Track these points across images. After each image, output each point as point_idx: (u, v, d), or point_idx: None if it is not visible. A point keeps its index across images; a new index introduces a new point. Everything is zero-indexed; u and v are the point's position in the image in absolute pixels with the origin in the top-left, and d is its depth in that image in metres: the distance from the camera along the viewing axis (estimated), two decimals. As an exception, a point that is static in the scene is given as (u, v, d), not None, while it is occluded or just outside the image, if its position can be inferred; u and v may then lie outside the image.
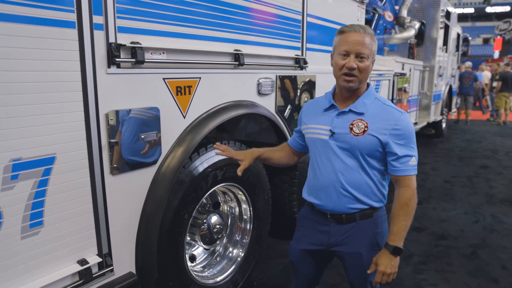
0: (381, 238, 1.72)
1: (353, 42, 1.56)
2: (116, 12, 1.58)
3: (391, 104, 1.68)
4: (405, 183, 1.62)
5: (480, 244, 3.54)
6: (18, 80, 1.32)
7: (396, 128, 1.58)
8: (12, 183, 1.34)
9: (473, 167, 6.39)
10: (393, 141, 1.59)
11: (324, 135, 1.68)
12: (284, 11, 2.59)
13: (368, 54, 1.57)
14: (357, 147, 1.61)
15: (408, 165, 1.61)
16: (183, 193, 2.06)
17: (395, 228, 1.61)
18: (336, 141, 1.64)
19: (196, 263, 2.54)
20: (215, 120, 2.12)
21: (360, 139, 1.60)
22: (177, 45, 1.87)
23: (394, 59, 5.21)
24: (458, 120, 11.75)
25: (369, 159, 1.63)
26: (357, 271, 1.75)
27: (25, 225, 1.41)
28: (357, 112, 1.63)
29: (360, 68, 1.57)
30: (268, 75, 2.54)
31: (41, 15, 1.35)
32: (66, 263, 1.58)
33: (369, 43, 1.58)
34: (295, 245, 1.88)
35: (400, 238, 1.60)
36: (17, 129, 1.33)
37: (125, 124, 1.68)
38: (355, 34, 1.57)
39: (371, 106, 1.64)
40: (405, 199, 1.61)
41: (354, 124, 1.62)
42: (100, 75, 1.56)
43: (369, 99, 1.66)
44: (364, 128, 1.60)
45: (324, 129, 1.68)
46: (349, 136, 1.61)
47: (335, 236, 1.73)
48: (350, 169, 1.64)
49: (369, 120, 1.61)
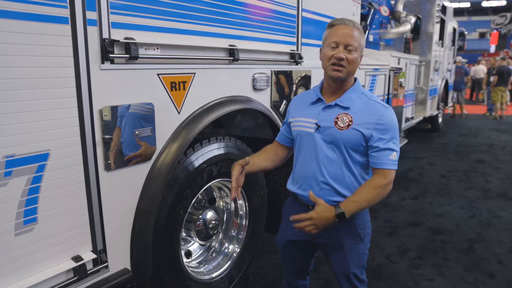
0: (362, 229, 1.76)
1: (342, 34, 1.60)
2: (109, 7, 1.56)
3: (376, 99, 1.70)
4: (382, 174, 1.63)
5: (477, 238, 3.56)
6: (11, 76, 1.31)
7: (379, 122, 1.61)
8: (5, 179, 1.33)
9: (469, 161, 6.43)
10: (376, 135, 1.62)
11: (310, 128, 1.71)
12: (279, 6, 2.58)
13: (356, 46, 1.62)
14: (341, 140, 1.64)
15: (388, 159, 1.63)
16: (178, 189, 2.06)
17: (354, 198, 1.61)
18: (321, 134, 1.68)
19: (191, 259, 2.54)
20: (210, 115, 2.11)
21: (344, 133, 1.63)
22: (171, 40, 1.86)
23: (390, 53, 5.21)
24: (454, 115, 11.80)
25: (353, 153, 1.66)
26: (339, 261, 1.79)
27: (19, 222, 1.40)
28: (343, 106, 1.66)
29: (348, 59, 1.61)
30: (263, 70, 2.53)
31: (34, 11, 1.34)
32: (60, 259, 1.57)
33: (358, 37, 1.62)
34: (281, 236, 1.94)
35: (352, 209, 1.59)
36: (10, 125, 1.32)
37: (119, 120, 1.67)
38: (345, 27, 1.62)
39: (357, 101, 1.67)
40: (376, 184, 1.62)
41: (339, 118, 1.65)
42: (94, 71, 1.55)
43: (355, 94, 1.69)
44: (348, 122, 1.63)
45: (310, 122, 1.71)
46: (334, 130, 1.64)
47: None
48: (333, 162, 1.67)
49: (354, 114, 1.64)
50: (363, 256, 1.81)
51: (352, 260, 1.77)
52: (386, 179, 1.62)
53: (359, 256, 1.78)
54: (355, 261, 1.78)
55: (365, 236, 1.78)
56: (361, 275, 1.82)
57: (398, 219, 3.98)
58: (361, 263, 1.81)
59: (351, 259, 1.76)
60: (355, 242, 1.75)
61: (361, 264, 1.81)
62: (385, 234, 3.62)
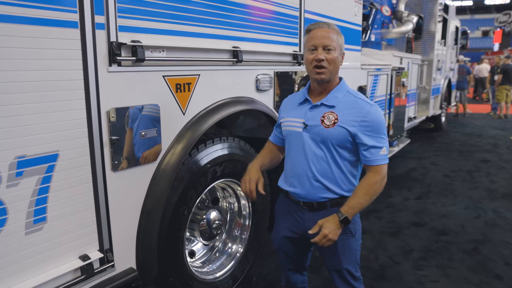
0: (352, 224, 1.80)
1: (319, 37, 1.68)
2: (117, 11, 1.60)
3: (362, 97, 1.76)
4: (375, 170, 1.69)
5: (482, 239, 3.52)
6: (23, 79, 1.35)
7: (364, 120, 1.67)
8: (16, 180, 1.37)
9: (474, 161, 6.38)
10: (362, 132, 1.67)
11: (298, 127, 1.78)
12: (282, 7, 2.61)
13: (334, 46, 1.69)
14: (328, 138, 1.70)
15: (379, 155, 1.68)
16: (182, 189, 2.09)
17: (352, 201, 1.69)
18: (308, 133, 1.74)
19: (195, 258, 2.57)
20: (214, 116, 2.14)
21: (331, 131, 1.69)
22: (177, 43, 1.89)
23: (392, 53, 5.21)
24: (457, 114, 11.78)
25: (340, 149, 1.72)
26: (331, 256, 1.84)
27: (29, 221, 1.44)
28: (328, 105, 1.73)
29: (328, 59, 1.67)
30: (266, 71, 2.56)
31: (45, 16, 1.38)
32: (68, 258, 1.60)
33: (335, 37, 1.70)
34: (276, 233, 2.00)
35: (353, 212, 1.68)
36: (22, 127, 1.36)
37: (126, 121, 1.71)
38: (320, 30, 1.70)
39: (342, 99, 1.73)
40: (371, 182, 1.69)
41: (325, 116, 1.71)
42: (102, 73, 1.58)
43: (340, 93, 1.75)
44: (334, 120, 1.69)
45: (298, 121, 1.78)
46: (320, 128, 1.71)
47: (308, 223, 1.81)
48: (321, 159, 1.73)
49: (340, 112, 1.70)
50: (355, 252, 1.85)
51: (344, 256, 1.81)
52: (379, 175, 1.68)
53: (351, 251, 1.83)
54: (347, 257, 1.82)
55: (355, 231, 1.83)
56: (355, 272, 1.86)
57: (401, 219, 3.97)
58: (354, 259, 1.85)
59: (343, 254, 1.81)
60: (346, 237, 1.80)
61: (354, 260, 1.85)
62: (388, 234, 3.62)
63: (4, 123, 1.31)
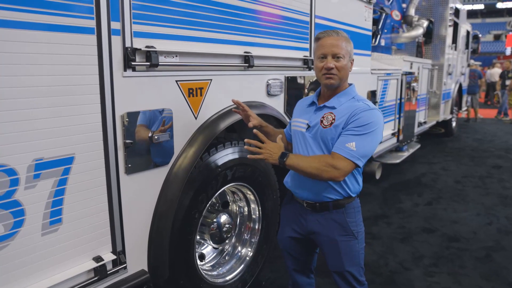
0: (355, 226, 1.81)
1: (328, 45, 1.72)
2: (132, 18, 1.64)
3: (365, 102, 1.76)
4: (333, 155, 1.66)
5: (495, 246, 3.45)
6: (41, 84, 1.39)
7: (354, 115, 1.68)
8: (34, 182, 1.40)
9: (485, 167, 6.29)
10: (346, 126, 1.68)
11: (302, 128, 1.84)
12: (293, 13, 2.63)
13: (344, 54, 1.72)
14: (326, 138, 1.73)
15: (344, 146, 1.65)
16: (194, 193, 2.11)
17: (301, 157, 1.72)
18: (309, 133, 1.80)
19: (205, 261, 2.58)
20: (225, 121, 2.17)
21: (327, 131, 1.73)
22: (189, 48, 1.93)
23: (402, 58, 5.20)
24: (468, 119, 11.66)
25: None
26: (334, 257, 1.85)
27: (46, 222, 1.47)
28: (329, 106, 1.78)
29: (337, 67, 1.71)
30: (277, 76, 2.58)
31: (64, 22, 1.42)
32: (82, 259, 1.63)
33: (344, 45, 1.73)
34: (281, 234, 2.03)
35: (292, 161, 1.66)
36: (40, 130, 1.40)
37: (140, 125, 1.74)
38: (330, 38, 1.73)
39: (345, 103, 1.76)
40: (325, 159, 1.66)
41: (324, 117, 1.77)
42: (117, 78, 1.62)
43: (345, 97, 1.78)
44: (331, 121, 1.73)
45: (303, 122, 1.85)
46: (319, 128, 1.75)
47: (311, 224, 1.85)
48: None
49: (338, 113, 1.73)
50: (358, 254, 1.84)
51: (347, 258, 1.82)
52: (333, 161, 1.63)
53: (353, 254, 1.83)
54: (350, 259, 1.82)
55: (358, 233, 1.83)
56: (359, 276, 1.86)
57: (412, 225, 3.93)
58: (357, 262, 1.84)
59: (346, 256, 1.82)
60: (348, 239, 1.81)
61: (357, 263, 1.85)
62: (398, 240, 3.59)
63: (23, 126, 1.35)
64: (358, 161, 1.64)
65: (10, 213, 1.36)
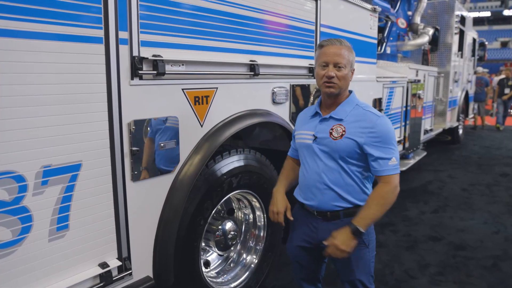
0: (366, 235, 1.80)
1: (330, 54, 1.73)
2: (139, 27, 1.67)
3: (371, 109, 1.79)
4: (385, 180, 1.71)
5: (502, 255, 3.42)
6: (50, 92, 1.42)
7: (372, 131, 1.70)
8: (42, 188, 1.42)
9: (493, 174, 6.24)
10: (370, 143, 1.70)
11: (308, 140, 1.83)
12: (298, 21, 2.65)
13: (345, 63, 1.73)
14: (336, 150, 1.73)
15: (388, 165, 1.70)
16: (199, 200, 2.12)
17: (364, 213, 1.70)
18: (318, 145, 1.78)
19: (210, 268, 2.58)
20: (231, 128, 2.18)
21: (338, 143, 1.73)
22: (196, 57, 1.95)
23: (407, 65, 5.20)
24: (475, 126, 11.59)
25: (350, 160, 1.75)
26: (345, 266, 1.84)
27: (53, 228, 1.49)
28: (337, 118, 1.78)
29: (338, 76, 1.72)
30: (282, 84, 2.59)
31: (73, 32, 1.45)
32: (88, 265, 1.65)
33: (346, 54, 1.74)
34: (291, 243, 2.02)
35: (365, 223, 1.69)
36: (48, 137, 1.42)
37: (146, 132, 1.76)
38: (332, 47, 1.74)
39: (351, 112, 1.77)
40: (382, 192, 1.70)
41: (333, 129, 1.76)
42: (124, 86, 1.65)
43: (349, 106, 1.79)
44: (342, 132, 1.73)
45: (309, 134, 1.84)
46: (329, 140, 1.75)
47: (322, 233, 1.84)
48: (332, 170, 1.77)
49: (348, 125, 1.74)
50: (369, 263, 1.85)
51: (358, 267, 1.82)
52: (390, 185, 1.69)
53: (364, 263, 1.83)
54: (361, 268, 1.82)
55: (369, 242, 1.83)
56: (369, 284, 1.86)
57: (418, 233, 3.91)
58: (367, 271, 1.85)
59: (357, 265, 1.81)
60: (360, 248, 1.79)
61: (367, 271, 1.85)
62: (404, 248, 3.57)
63: (32, 134, 1.38)
64: (399, 170, 1.73)
65: (18, 219, 1.38)
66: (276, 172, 2.67)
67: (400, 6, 6.11)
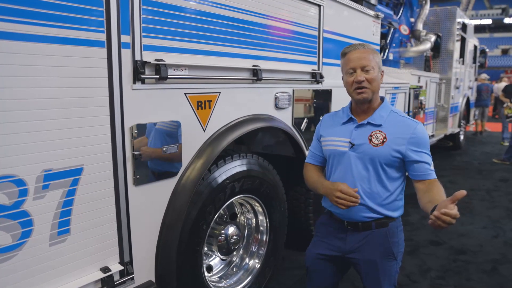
0: (396, 247, 1.76)
1: (355, 59, 1.68)
2: (142, 31, 1.67)
3: (406, 116, 1.77)
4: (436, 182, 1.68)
5: (501, 259, 3.45)
6: (51, 96, 1.41)
7: (413, 137, 1.67)
8: (43, 192, 1.41)
9: (493, 180, 6.26)
10: (411, 149, 1.66)
11: (343, 147, 1.75)
12: (301, 27, 2.66)
13: (373, 65, 1.68)
14: (377, 157, 1.68)
15: (431, 170, 1.68)
16: (202, 204, 2.11)
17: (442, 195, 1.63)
18: (355, 152, 1.72)
19: (212, 273, 2.57)
20: (233, 133, 2.17)
21: (380, 150, 1.67)
22: (198, 61, 1.95)
23: (410, 72, 5.21)
24: (476, 132, 11.57)
25: (388, 169, 1.70)
26: (372, 279, 1.78)
27: (53, 233, 1.48)
28: (375, 124, 1.72)
29: (368, 79, 1.67)
30: (285, 89, 2.59)
31: (75, 35, 1.44)
32: (89, 270, 1.63)
33: (371, 57, 1.69)
34: (312, 249, 1.92)
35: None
36: (49, 141, 1.41)
37: (148, 137, 1.75)
38: (356, 52, 1.70)
39: (387, 118, 1.72)
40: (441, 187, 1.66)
41: (373, 135, 1.70)
42: (126, 91, 1.64)
43: (385, 112, 1.74)
44: (382, 139, 1.68)
45: (343, 141, 1.76)
46: (369, 147, 1.69)
47: (351, 243, 1.78)
48: (368, 179, 1.71)
49: (387, 131, 1.69)
50: (395, 274, 1.80)
51: (385, 279, 1.76)
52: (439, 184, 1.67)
53: (391, 274, 1.78)
54: (387, 280, 1.77)
55: (398, 254, 1.78)
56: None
57: (419, 237, 3.91)
58: (392, 282, 1.79)
59: (384, 277, 1.75)
60: (389, 260, 1.75)
61: (392, 282, 1.79)
62: (405, 253, 3.54)
63: (32, 137, 1.37)
64: None
65: (19, 223, 1.37)
66: (278, 177, 2.66)
67: (402, 12, 6.14)
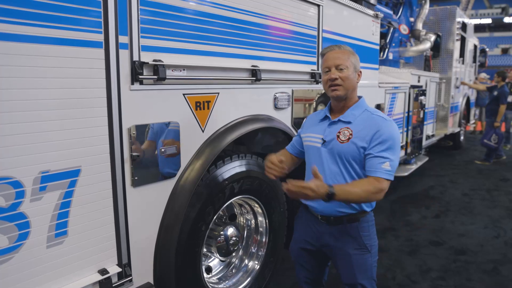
0: (368, 240, 1.82)
1: (331, 58, 1.77)
2: (140, 32, 1.66)
3: (379, 114, 1.78)
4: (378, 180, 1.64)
5: (502, 259, 3.44)
6: (48, 97, 1.40)
7: (376, 132, 1.69)
8: (40, 194, 1.40)
9: (493, 180, 6.25)
10: (371, 144, 1.68)
11: (317, 143, 1.83)
12: (300, 27, 2.65)
13: (347, 65, 1.75)
14: (342, 153, 1.73)
15: (380, 167, 1.65)
16: (200, 205, 2.10)
17: (348, 187, 1.62)
18: (325, 148, 1.79)
19: (212, 274, 2.56)
20: (232, 134, 2.16)
21: (345, 146, 1.73)
22: (197, 62, 1.94)
23: (410, 71, 5.19)
24: (474, 131, 11.56)
25: (355, 164, 1.74)
26: (347, 270, 1.85)
27: (51, 235, 1.47)
28: (345, 121, 1.78)
29: (341, 77, 1.74)
30: (284, 90, 2.58)
31: (72, 36, 1.44)
32: (87, 272, 1.62)
33: (346, 57, 1.76)
34: (294, 245, 2.04)
35: (343, 193, 1.57)
36: (46, 142, 1.40)
37: (147, 138, 1.74)
38: (332, 52, 1.78)
39: (359, 116, 1.77)
40: (370, 185, 1.62)
41: (341, 132, 1.77)
42: (124, 91, 1.63)
43: (358, 111, 1.79)
44: (349, 136, 1.73)
45: (317, 137, 1.84)
46: (336, 143, 1.76)
47: (325, 236, 1.85)
48: (337, 174, 1.76)
49: (355, 128, 1.74)
50: (371, 267, 1.84)
51: (360, 271, 1.82)
52: (376, 186, 1.62)
53: (366, 267, 1.83)
54: (363, 272, 1.82)
55: (371, 247, 1.83)
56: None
57: (419, 238, 3.90)
58: (370, 275, 1.84)
59: (359, 270, 1.82)
60: (362, 253, 1.81)
61: (370, 275, 1.84)
62: (406, 253, 3.55)
63: (29, 139, 1.36)
64: (392, 178, 1.68)
65: (15, 226, 1.36)
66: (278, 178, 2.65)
67: (402, 12, 6.12)
